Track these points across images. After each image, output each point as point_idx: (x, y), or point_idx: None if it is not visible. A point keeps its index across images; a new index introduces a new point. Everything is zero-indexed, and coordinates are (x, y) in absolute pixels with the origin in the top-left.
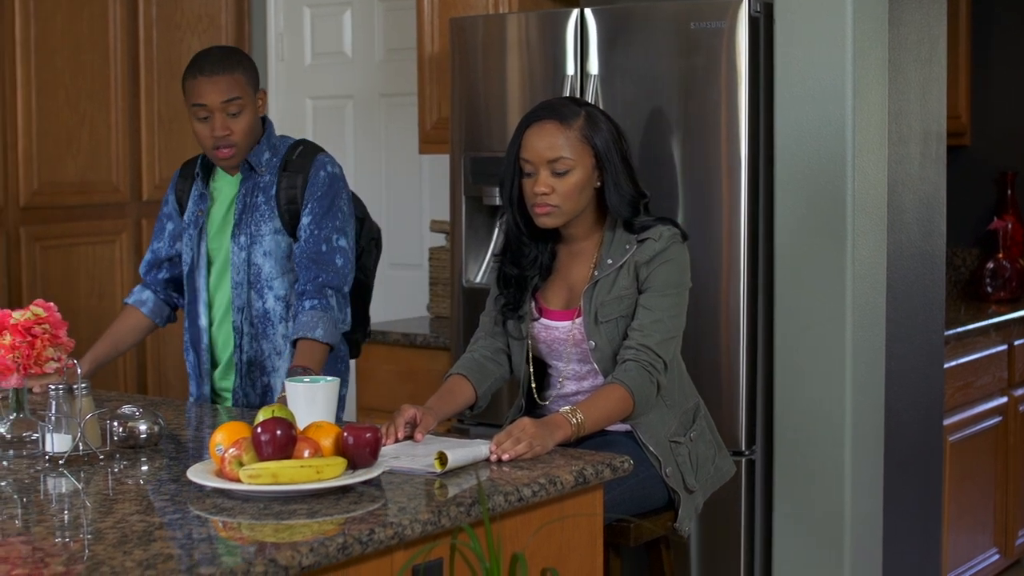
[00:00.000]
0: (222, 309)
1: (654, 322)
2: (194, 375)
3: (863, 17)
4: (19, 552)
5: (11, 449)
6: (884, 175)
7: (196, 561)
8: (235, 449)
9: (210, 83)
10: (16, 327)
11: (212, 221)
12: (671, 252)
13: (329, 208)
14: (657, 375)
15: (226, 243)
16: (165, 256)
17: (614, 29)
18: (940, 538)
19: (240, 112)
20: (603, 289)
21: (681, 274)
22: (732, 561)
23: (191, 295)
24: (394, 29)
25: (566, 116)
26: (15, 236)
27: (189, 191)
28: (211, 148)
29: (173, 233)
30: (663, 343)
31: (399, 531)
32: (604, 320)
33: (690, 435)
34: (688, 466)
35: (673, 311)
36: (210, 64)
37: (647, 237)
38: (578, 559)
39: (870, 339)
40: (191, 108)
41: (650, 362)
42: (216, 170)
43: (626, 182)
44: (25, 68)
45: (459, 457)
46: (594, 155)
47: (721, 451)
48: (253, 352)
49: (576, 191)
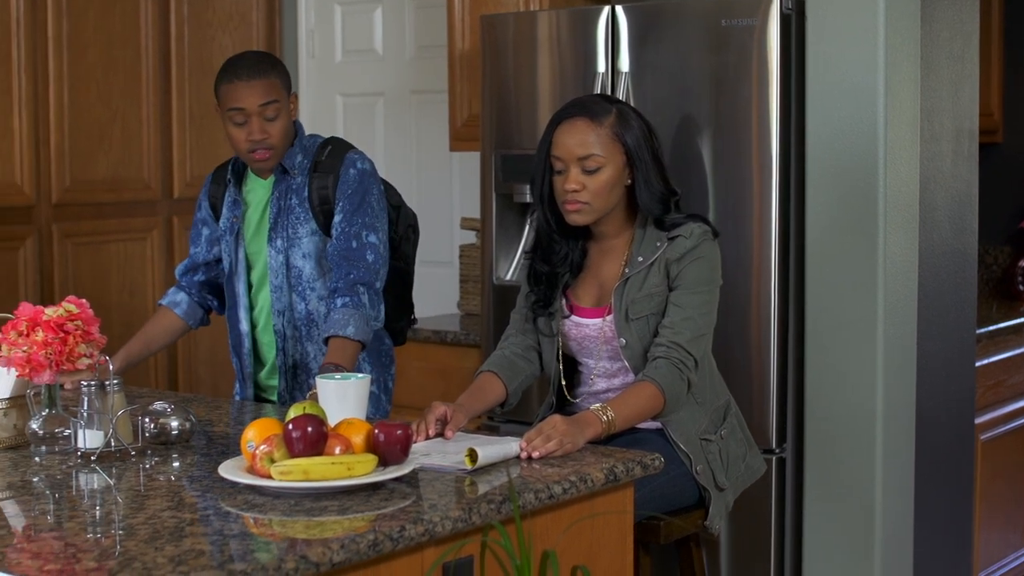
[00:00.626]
0: (265, 312)
1: (685, 319)
2: (239, 378)
3: (895, 14)
4: (51, 548)
5: (43, 445)
6: (916, 173)
7: (227, 557)
8: (266, 446)
9: (248, 87)
10: (49, 323)
11: (248, 226)
12: (702, 249)
13: (359, 205)
14: (688, 372)
15: (264, 247)
16: (202, 261)
17: (645, 26)
18: (971, 536)
19: (277, 116)
20: (634, 286)
21: (712, 271)
22: (762, 559)
23: (231, 300)
24: (425, 26)
25: (597, 113)
26: (47, 233)
27: (222, 196)
28: (247, 152)
29: (209, 238)
30: (694, 340)
31: (430, 528)
32: (635, 317)
33: (721, 432)
34: (719, 464)
35: (703, 308)
36: (246, 68)
37: (678, 235)
38: (608, 557)
39: (901, 337)
40: (227, 112)
41: (681, 359)
42: (248, 175)
43: (657, 180)
44: (57, 64)
45: (489, 454)
46: (625, 153)
47: (752, 449)
48: (298, 355)
49: (606, 189)
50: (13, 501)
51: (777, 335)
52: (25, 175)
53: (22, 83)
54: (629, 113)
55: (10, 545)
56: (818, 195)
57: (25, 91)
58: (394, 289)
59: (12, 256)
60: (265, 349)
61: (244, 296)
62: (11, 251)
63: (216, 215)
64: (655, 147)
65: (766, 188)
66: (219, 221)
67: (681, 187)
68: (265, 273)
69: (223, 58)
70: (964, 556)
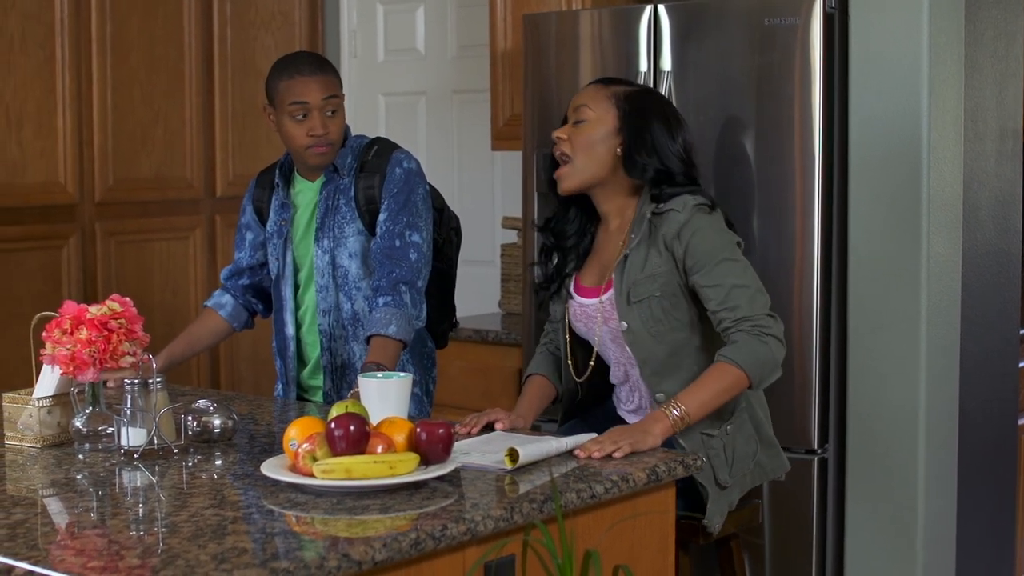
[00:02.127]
0: (309, 312)
1: (727, 294)
2: (281, 380)
3: (939, 13)
4: (95, 545)
5: (87, 443)
6: (960, 173)
7: (270, 555)
8: (309, 444)
9: (312, 81)
10: (93, 322)
11: (296, 229)
12: (696, 223)
13: (404, 204)
14: (768, 332)
15: (311, 248)
16: (247, 265)
17: (687, 25)
18: (1014, 539)
19: (336, 112)
20: (634, 266)
21: (719, 235)
22: (804, 559)
23: (278, 304)
24: (467, 25)
25: (610, 82)
26: (91, 232)
27: (268, 200)
28: (305, 148)
29: (254, 243)
30: (750, 303)
31: (472, 527)
32: (636, 300)
33: (726, 428)
34: (722, 460)
35: (737, 271)
36: (308, 64)
37: (670, 208)
38: (650, 557)
39: (944, 338)
40: (288, 107)
41: (753, 325)
42: (295, 178)
43: (651, 155)
44: (101, 65)
45: (529, 453)
46: (618, 117)
47: (770, 449)
48: (344, 355)
49: (588, 144)
50: (57, 498)
51: (819, 335)
52: (69, 174)
53: (66, 84)
54: (654, 95)
55: (54, 542)
56: (861, 195)
57: (69, 92)
58: (436, 292)
59: (56, 254)
60: (308, 349)
61: (291, 300)
62: (55, 249)
63: (261, 219)
64: (671, 130)
65: (809, 188)
66: (265, 225)
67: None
68: (311, 273)
69: (265, 58)
70: (1007, 558)
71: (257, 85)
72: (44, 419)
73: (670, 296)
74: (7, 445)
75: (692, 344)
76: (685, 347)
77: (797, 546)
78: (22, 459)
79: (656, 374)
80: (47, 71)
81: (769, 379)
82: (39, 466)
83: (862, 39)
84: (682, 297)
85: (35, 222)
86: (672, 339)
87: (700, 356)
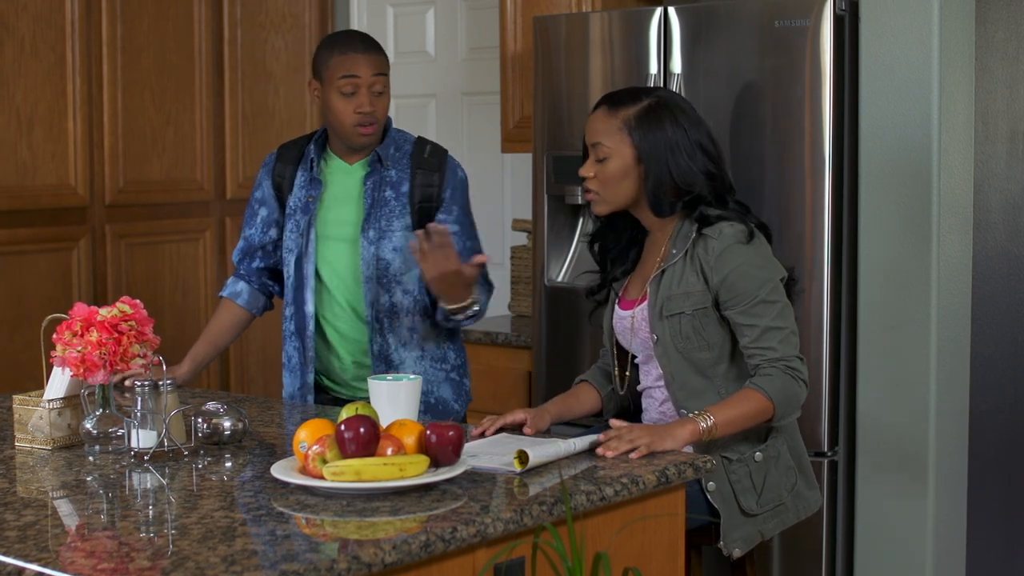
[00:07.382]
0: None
1: (762, 334)
2: (295, 364)
3: (950, 15)
4: (105, 546)
5: (97, 444)
6: (970, 175)
7: (280, 557)
8: (319, 446)
9: (364, 57)
10: (103, 324)
11: (324, 207)
12: (733, 258)
13: (471, 219)
14: (799, 374)
15: (338, 230)
16: (258, 243)
17: (697, 28)
18: None
19: (383, 92)
20: (671, 280)
21: (757, 272)
22: (814, 561)
23: (298, 281)
24: (477, 28)
25: (617, 103)
26: (101, 234)
27: (290, 176)
28: (353, 125)
29: (267, 220)
30: (783, 345)
31: (482, 529)
32: (669, 314)
33: (754, 454)
34: (746, 486)
35: (771, 313)
36: (360, 41)
37: (708, 234)
38: (660, 559)
39: (955, 341)
40: (338, 81)
41: (787, 366)
42: (328, 155)
43: (675, 191)
44: (111, 68)
45: (539, 455)
46: (633, 147)
47: (807, 480)
48: (379, 346)
49: (613, 180)
50: (67, 500)
51: (830, 337)
52: (79, 176)
53: (77, 86)
54: (662, 108)
55: (64, 544)
56: (871, 197)
57: (80, 94)
58: None
59: (66, 257)
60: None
61: (311, 277)
62: (65, 252)
63: (279, 195)
64: (690, 144)
65: (819, 190)
66: (281, 201)
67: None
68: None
69: (275, 60)
70: (1018, 562)
71: (267, 87)
72: (54, 421)
73: (701, 316)
74: (18, 447)
75: (720, 368)
76: (712, 369)
77: (808, 549)
78: (32, 461)
79: (683, 389)
80: (58, 74)
81: (789, 417)
82: (49, 468)
83: (872, 41)
84: (713, 319)
85: (46, 224)
86: (699, 358)
87: (727, 384)
